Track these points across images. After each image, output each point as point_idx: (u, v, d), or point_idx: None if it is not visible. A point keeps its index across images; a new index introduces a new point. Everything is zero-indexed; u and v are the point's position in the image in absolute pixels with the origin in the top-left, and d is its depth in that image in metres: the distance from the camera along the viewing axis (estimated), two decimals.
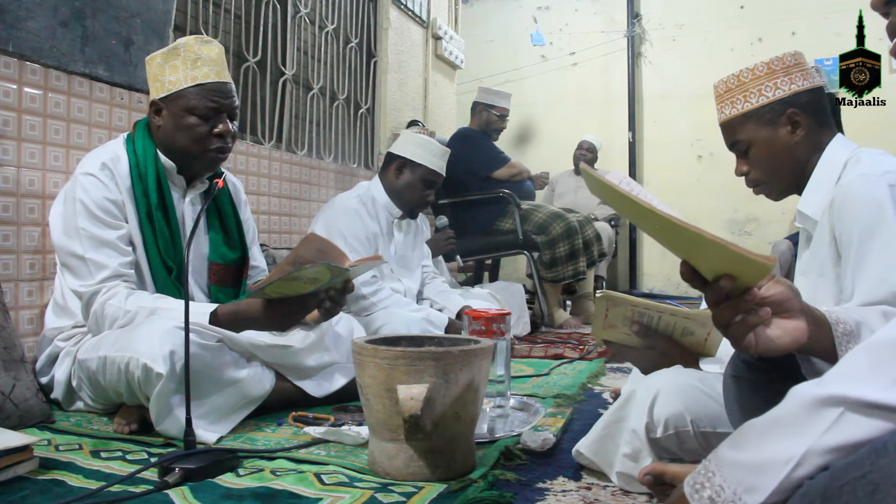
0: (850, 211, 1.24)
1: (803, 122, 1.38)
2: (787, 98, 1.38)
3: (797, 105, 1.38)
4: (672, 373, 1.27)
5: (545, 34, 6.08)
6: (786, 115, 1.38)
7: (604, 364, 2.63)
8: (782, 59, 1.40)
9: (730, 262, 0.76)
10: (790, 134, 1.39)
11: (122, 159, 1.76)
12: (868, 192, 1.22)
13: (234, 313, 1.66)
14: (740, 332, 0.80)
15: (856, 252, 1.22)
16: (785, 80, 1.39)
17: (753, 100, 1.40)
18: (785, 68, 1.39)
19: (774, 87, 1.39)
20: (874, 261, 1.19)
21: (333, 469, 1.31)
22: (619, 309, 1.37)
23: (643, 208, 0.77)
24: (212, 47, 1.77)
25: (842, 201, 1.26)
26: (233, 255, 1.92)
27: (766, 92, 1.39)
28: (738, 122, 1.43)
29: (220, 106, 1.75)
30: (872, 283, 1.18)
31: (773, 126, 1.40)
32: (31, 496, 1.15)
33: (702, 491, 0.74)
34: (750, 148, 1.43)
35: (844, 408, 0.66)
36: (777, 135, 1.40)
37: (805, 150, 1.40)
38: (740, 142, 1.44)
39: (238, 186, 2.06)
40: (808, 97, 1.39)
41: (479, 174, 3.86)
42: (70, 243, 1.68)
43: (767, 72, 1.40)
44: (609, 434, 1.26)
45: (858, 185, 1.24)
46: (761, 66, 1.41)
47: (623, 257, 5.85)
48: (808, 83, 1.39)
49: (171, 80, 1.74)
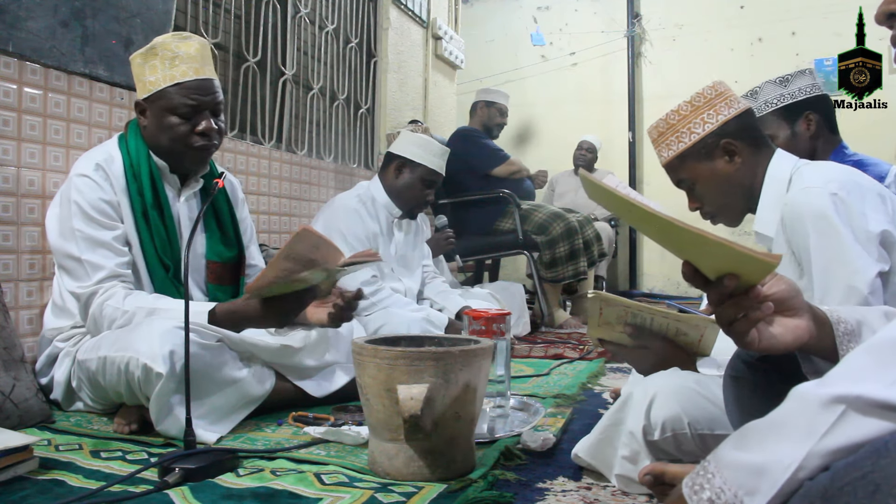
0: (799, 226, 1.28)
1: (738, 148, 1.42)
2: (716, 130, 1.42)
3: (728, 134, 1.42)
4: (669, 375, 1.27)
5: (545, 34, 6.08)
6: (720, 147, 1.42)
7: (604, 364, 2.63)
8: (702, 93, 1.44)
9: (733, 261, 0.76)
10: (728, 163, 1.43)
11: (115, 159, 1.76)
12: (812, 206, 1.27)
13: (232, 312, 1.66)
14: (743, 329, 0.80)
15: (816, 266, 1.26)
16: (711, 114, 1.42)
17: (686, 139, 1.44)
18: (708, 101, 1.43)
19: (702, 122, 1.43)
20: (837, 272, 1.23)
21: (333, 469, 1.31)
22: (612, 308, 1.37)
23: (644, 211, 0.77)
24: (190, 44, 1.75)
25: (790, 217, 1.30)
26: (229, 253, 1.92)
27: (695, 129, 1.43)
28: (677, 162, 1.47)
29: (199, 104, 1.74)
30: (841, 292, 1.22)
31: (710, 159, 1.44)
32: (31, 496, 1.15)
33: (701, 493, 0.73)
34: (695, 185, 1.48)
35: (846, 406, 0.66)
36: (716, 167, 1.44)
37: (747, 175, 1.44)
38: (684, 180, 1.49)
39: (235, 185, 2.05)
40: (736, 124, 1.42)
41: (479, 172, 3.86)
42: (66, 245, 1.68)
43: (692, 109, 1.44)
44: (607, 437, 1.26)
45: (802, 200, 1.29)
46: (685, 105, 1.45)
47: (623, 257, 5.85)
48: (733, 110, 1.43)
49: (150, 80, 1.73)
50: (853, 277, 1.22)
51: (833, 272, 1.24)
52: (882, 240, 1.27)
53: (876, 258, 1.25)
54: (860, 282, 1.22)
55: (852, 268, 1.22)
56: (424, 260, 2.98)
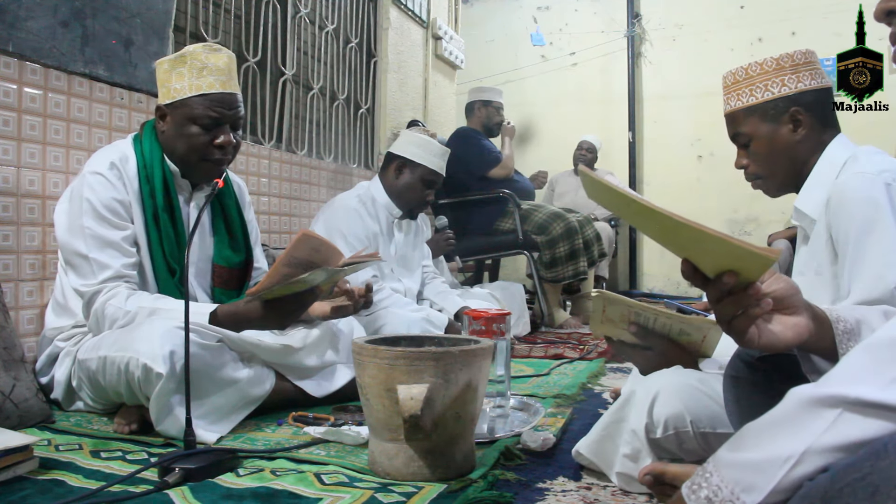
0: (845, 209, 1.24)
1: (805, 121, 1.38)
2: (791, 96, 1.38)
3: (801, 104, 1.38)
4: (671, 373, 1.27)
5: (545, 34, 6.08)
6: (789, 114, 1.38)
7: (604, 364, 2.63)
8: (792, 56, 1.39)
9: (732, 257, 0.76)
10: (791, 132, 1.39)
11: (130, 160, 1.76)
12: (864, 191, 1.22)
13: (234, 313, 1.66)
14: (743, 326, 0.80)
15: (852, 250, 1.22)
16: (792, 78, 1.38)
17: (759, 94, 1.40)
18: (794, 66, 1.39)
19: (781, 83, 1.38)
20: (870, 259, 1.19)
21: (333, 469, 1.31)
22: (615, 307, 1.37)
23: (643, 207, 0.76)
24: (220, 56, 1.76)
25: (838, 200, 1.26)
26: (237, 259, 1.92)
27: (771, 88, 1.39)
28: (742, 115, 1.42)
29: (221, 117, 1.75)
30: (869, 280, 1.18)
31: (775, 123, 1.40)
32: (31, 496, 1.15)
33: (699, 491, 0.73)
34: (751, 142, 1.43)
35: (843, 408, 0.66)
36: (778, 132, 1.40)
37: (805, 150, 1.40)
38: (742, 134, 1.44)
39: (242, 187, 2.05)
40: (813, 97, 1.38)
41: (477, 174, 3.86)
42: (74, 242, 1.68)
43: (776, 68, 1.39)
44: (609, 434, 1.26)
45: (854, 184, 1.25)
46: (770, 61, 1.40)
47: (623, 257, 5.85)
48: (815, 83, 1.39)
49: (176, 87, 1.74)
50: (886, 269, 1.18)
51: (867, 258, 1.20)
52: None
53: None
54: (892, 274, 1.17)
55: (889, 259, 1.18)
56: (424, 260, 2.98)
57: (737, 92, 1.43)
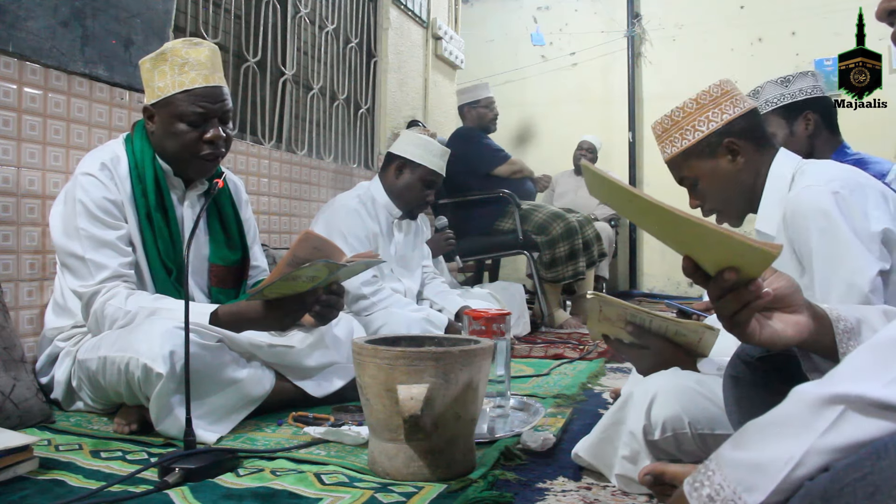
0: (801, 223, 1.28)
1: (741, 147, 1.43)
2: (720, 129, 1.42)
3: (732, 133, 1.42)
4: (669, 375, 1.27)
5: (545, 34, 6.07)
6: (723, 146, 1.43)
7: (604, 364, 2.63)
8: (709, 91, 1.44)
9: (733, 253, 0.76)
10: (731, 162, 1.44)
11: (121, 160, 1.76)
12: (814, 203, 1.27)
13: (234, 314, 1.66)
14: (744, 320, 0.80)
15: (817, 263, 1.26)
16: (716, 112, 1.43)
17: (690, 136, 1.45)
18: (713, 100, 1.43)
19: (707, 120, 1.43)
20: (838, 270, 1.24)
21: (333, 469, 1.31)
22: (612, 308, 1.37)
23: (646, 203, 0.77)
24: (200, 49, 1.74)
25: (791, 215, 1.30)
26: (233, 257, 1.92)
27: (699, 127, 1.44)
28: (680, 159, 1.47)
29: (208, 111, 1.73)
30: (842, 290, 1.23)
31: (713, 157, 1.44)
32: (31, 496, 1.15)
33: (701, 489, 0.74)
34: (697, 182, 1.48)
35: (845, 406, 0.66)
36: (719, 165, 1.44)
37: (749, 174, 1.45)
38: (686, 178, 1.49)
39: (239, 186, 2.05)
40: (741, 123, 1.43)
41: (480, 172, 3.86)
42: (70, 243, 1.68)
43: (697, 107, 1.44)
44: (607, 436, 1.26)
45: (804, 198, 1.29)
46: (690, 102, 1.45)
47: (623, 257, 5.85)
48: (738, 110, 1.43)
49: (159, 86, 1.73)
50: (854, 275, 1.22)
51: (834, 270, 1.24)
52: (883, 238, 1.27)
53: (877, 256, 1.25)
54: (861, 280, 1.22)
55: (853, 266, 1.23)
56: (424, 260, 2.98)
57: (669, 139, 1.47)
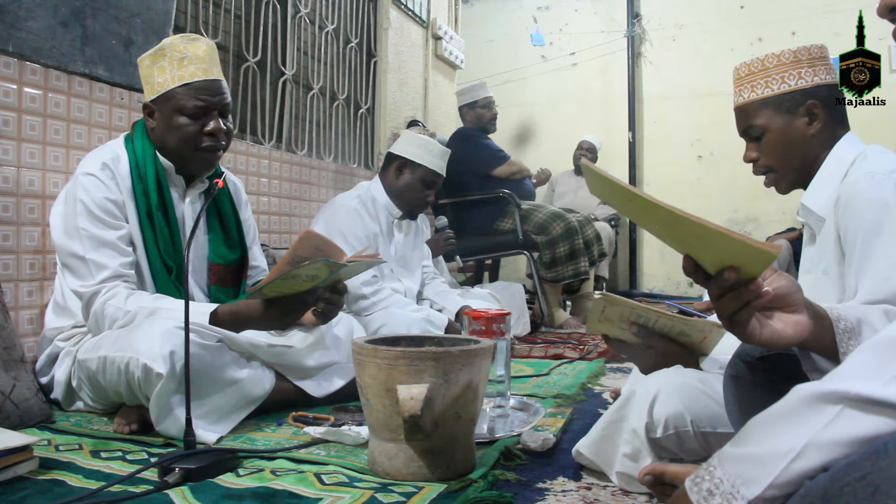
0: (854, 209, 1.23)
1: (821, 115, 1.37)
2: (808, 89, 1.37)
3: (818, 97, 1.37)
4: (672, 373, 1.27)
5: (545, 34, 6.07)
6: (805, 107, 1.37)
7: (604, 364, 2.62)
8: (809, 49, 1.38)
9: (734, 253, 0.76)
10: (806, 125, 1.38)
11: (122, 159, 1.76)
12: (873, 191, 1.21)
13: (234, 313, 1.66)
14: (744, 320, 0.80)
15: (860, 251, 1.20)
16: (809, 71, 1.37)
17: (775, 86, 1.38)
18: (811, 59, 1.37)
19: (798, 76, 1.37)
20: (878, 260, 1.18)
21: (333, 469, 1.31)
22: (616, 308, 1.37)
23: (646, 202, 0.77)
24: (198, 45, 1.75)
25: (847, 199, 1.24)
26: (232, 256, 1.92)
27: (788, 80, 1.37)
28: (756, 106, 1.40)
29: (208, 104, 1.74)
30: (875, 281, 1.17)
31: (791, 115, 1.38)
32: (31, 496, 1.15)
33: (701, 484, 0.74)
34: (764, 134, 1.41)
35: (844, 404, 0.66)
36: (793, 124, 1.38)
37: (818, 144, 1.39)
38: (754, 127, 1.42)
39: (238, 186, 2.05)
40: (828, 91, 1.37)
41: (480, 172, 3.86)
42: (70, 243, 1.68)
43: (793, 60, 1.38)
44: (609, 434, 1.26)
45: (864, 184, 1.23)
46: (787, 53, 1.39)
47: (623, 257, 5.85)
48: (830, 77, 1.38)
49: (158, 81, 1.73)
50: (893, 270, 1.16)
51: (875, 258, 1.19)
52: None
53: None
54: None
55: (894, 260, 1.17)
56: (424, 261, 2.98)
57: (751, 83, 1.41)
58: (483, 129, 4.06)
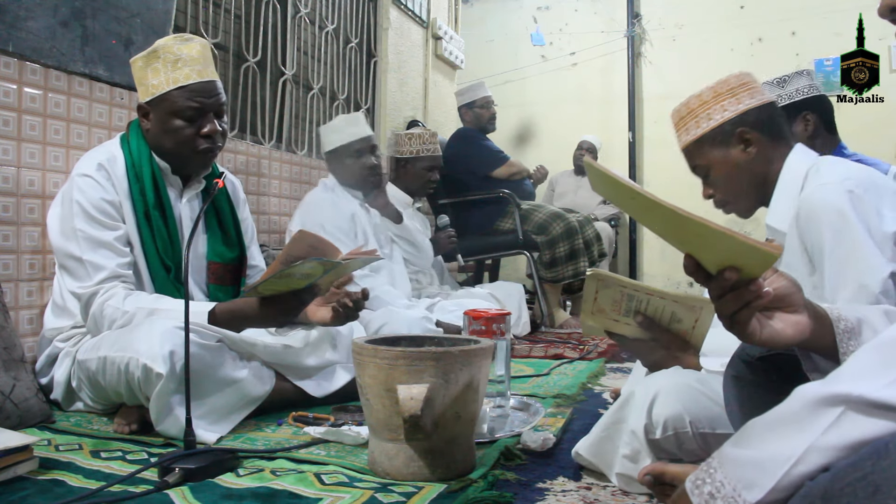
0: (814, 222, 1.28)
1: (754, 138, 1.43)
2: (734, 118, 1.43)
3: (746, 123, 1.43)
4: (671, 374, 1.27)
5: (545, 34, 6.07)
6: (735, 135, 1.43)
7: (604, 364, 2.63)
8: (727, 81, 1.45)
9: (735, 253, 0.76)
10: (743, 152, 1.44)
11: (118, 159, 1.76)
12: (828, 202, 1.26)
13: (232, 311, 1.66)
14: (744, 319, 0.80)
15: (829, 262, 1.25)
16: (731, 101, 1.43)
17: (704, 124, 1.45)
18: (730, 90, 1.44)
19: (722, 109, 1.44)
20: (849, 269, 1.23)
21: (333, 469, 1.31)
22: (608, 291, 1.35)
23: (648, 200, 0.77)
24: (192, 45, 1.75)
25: (806, 213, 1.30)
26: (231, 255, 1.92)
27: (714, 115, 1.44)
28: (694, 147, 1.48)
29: (203, 106, 1.74)
30: (853, 289, 1.22)
31: (726, 147, 1.44)
32: (31, 496, 1.15)
33: (702, 486, 0.74)
34: (709, 171, 1.48)
35: (846, 406, 0.66)
36: (731, 155, 1.45)
37: (761, 166, 1.44)
38: (699, 166, 1.49)
39: (236, 185, 2.05)
40: (756, 115, 1.43)
41: (479, 173, 3.86)
42: (67, 245, 1.68)
43: (714, 95, 1.45)
44: (608, 435, 1.26)
45: (819, 196, 1.29)
46: (707, 91, 1.46)
47: (623, 257, 5.85)
48: (755, 101, 1.44)
49: (153, 83, 1.73)
50: (865, 275, 1.21)
51: (846, 269, 1.23)
52: None
53: (889, 258, 1.23)
54: (872, 280, 1.21)
55: (865, 265, 1.21)
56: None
57: (685, 127, 1.48)
58: (482, 128, 4.06)
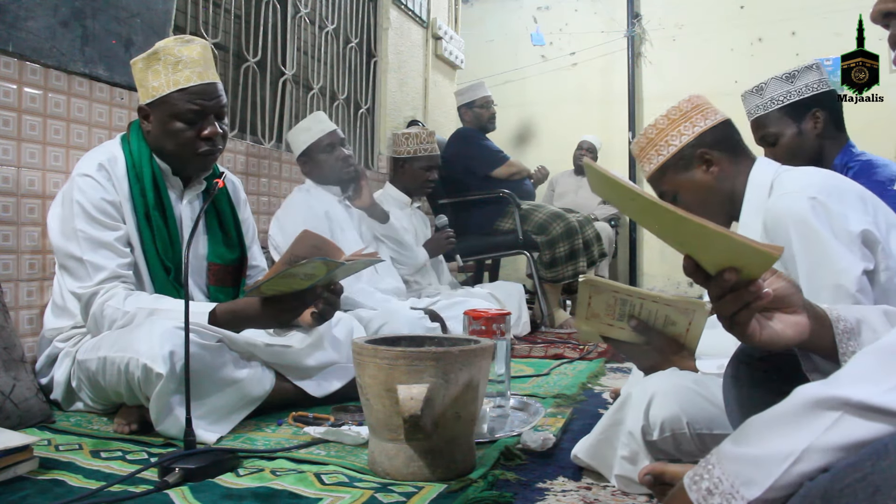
0: (780, 231, 1.31)
1: (715, 157, 1.48)
2: (693, 141, 1.48)
3: (704, 144, 1.48)
4: (667, 375, 1.27)
5: (545, 34, 6.07)
6: (697, 157, 1.48)
7: (604, 364, 2.63)
8: (678, 107, 1.51)
9: (735, 254, 0.76)
10: (706, 172, 1.49)
11: (118, 160, 1.76)
12: (792, 210, 1.30)
13: (233, 312, 1.66)
14: (744, 320, 0.80)
15: (801, 269, 1.28)
16: (686, 126, 1.49)
17: (665, 151, 1.51)
18: (683, 115, 1.50)
19: (679, 134, 1.49)
20: (822, 273, 1.26)
21: (333, 469, 1.31)
22: (601, 296, 1.35)
23: (648, 202, 0.77)
24: (193, 47, 1.74)
25: (772, 223, 1.33)
26: (231, 256, 1.92)
27: (672, 141, 1.50)
28: (658, 175, 1.53)
29: (204, 108, 1.74)
30: (830, 293, 1.24)
31: (689, 170, 1.50)
32: (31, 496, 1.15)
33: (700, 482, 0.74)
34: (677, 195, 1.52)
35: (844, 410, 0.66)
36: (695, 176, 1.50)
37: (726, 183, 1.49)
38: (666, 192, 1.54)
39: (237, 186, 2.05)
40: (712, 135, 1.49)
41: (479, 173, 3.86)
42: (68, 245, 1.68)
43: (669, 122, 1.51)
44: (606, 437, 1.26)
45: (781, 205, 1.32)
46: (662, 119, 1.51)
47: (623, 257, 5.85)
48: (709, 122, 1.49)
49: (153, 85, 1.73)
50: (839, 277, 1.24)
51: (819, 274, 1.26)
52: (863, 239, 1.28)
53: (860, 256, 1.26)
54: (847, 280, 1.23)
55: (837, 267, 1.24)
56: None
57: (647, 157, 1.54)
58: (482, 128, 4.06)
